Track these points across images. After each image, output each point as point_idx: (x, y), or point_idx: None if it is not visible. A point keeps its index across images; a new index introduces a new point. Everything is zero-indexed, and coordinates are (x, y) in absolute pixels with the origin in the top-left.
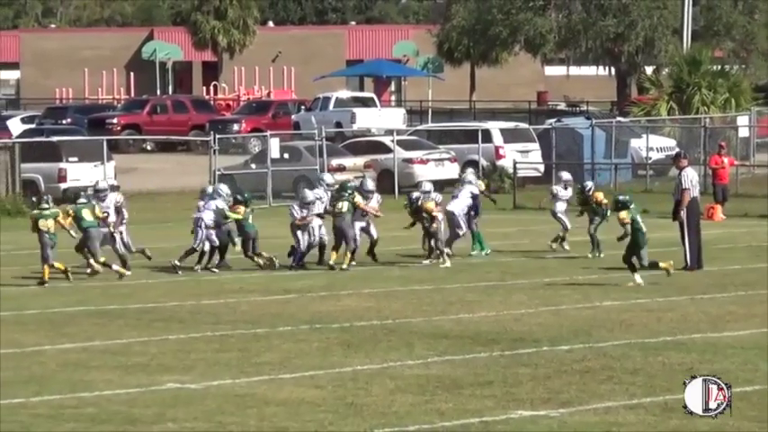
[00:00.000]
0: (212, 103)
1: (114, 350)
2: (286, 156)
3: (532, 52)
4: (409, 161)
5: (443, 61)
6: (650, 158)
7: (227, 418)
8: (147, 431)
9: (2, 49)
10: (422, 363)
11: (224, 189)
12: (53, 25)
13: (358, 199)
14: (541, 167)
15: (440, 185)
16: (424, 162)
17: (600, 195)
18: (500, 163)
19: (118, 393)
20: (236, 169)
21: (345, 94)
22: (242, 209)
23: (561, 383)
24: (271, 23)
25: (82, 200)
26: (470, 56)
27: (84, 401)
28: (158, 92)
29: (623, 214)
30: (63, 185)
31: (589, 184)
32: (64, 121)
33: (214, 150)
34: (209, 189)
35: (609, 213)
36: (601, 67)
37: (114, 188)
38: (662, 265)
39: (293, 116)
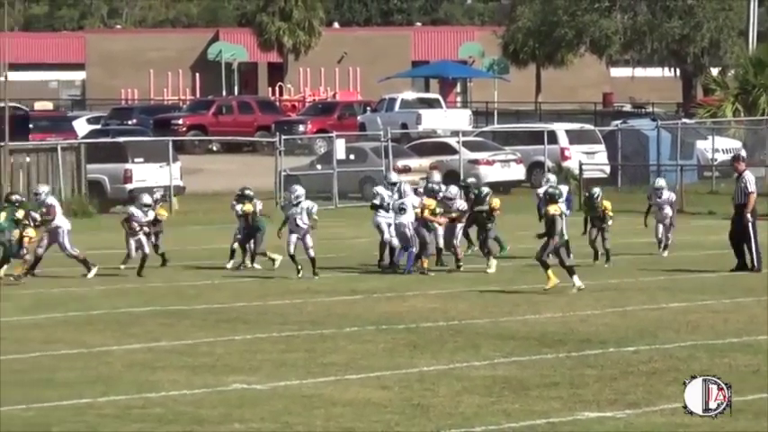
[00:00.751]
0: (278, 104)
1: (180, 350)
2: (352, 157)
3: (598, 54)
4: (475, 162)
5: (509, 63)
6: (716, 160)
7: (293, 419)
8: (214, 431)
9: (68, 49)
10: (488, 364)
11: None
12: (119, 26)
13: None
14: (607, 169)
15: (506, 186)
16: (489, 163)
17: (608, 204)
18: (566, 164)
19: (184, 394)
20: (302, 170)
21: (411, 95)
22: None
23: (628, 385)
24: (336, 25)
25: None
26: (536, 57)
27: (150, 402)
28: (224, 93)
29: (553, 208)
30: (129, 186)
31: (597, 190)
32: (129, 122)
33: (280, 151)
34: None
35: (611, 223)
36: (666, 69)
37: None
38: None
39: (359, 117)
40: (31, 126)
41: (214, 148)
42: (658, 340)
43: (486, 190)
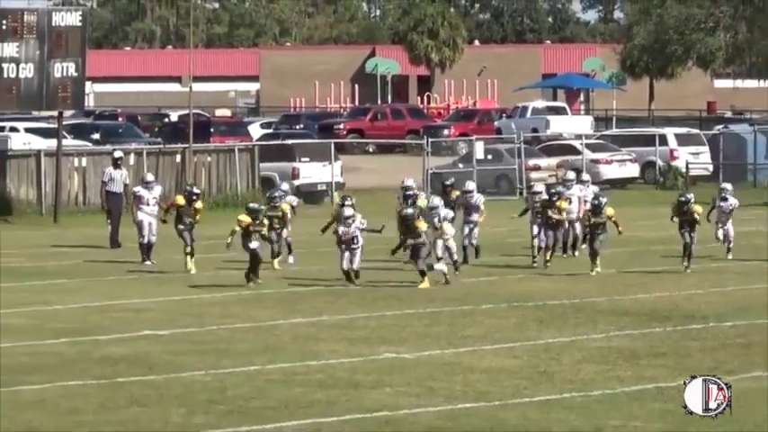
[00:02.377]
0: (426, 111)
1: (340, 324)
2: (489, 157)
3: (703, 67)
4: (596, 162)
5: (626, 75)
6: None
7: (436, 384)
8: (367, 395)
9: (244, 64)
10: (604, 336)
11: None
12: (288, 44)
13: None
14: (710, 167)
15: (622, 182)
16: (608, 162)
17: (699, 209)
18: (674, 163)
19: (342, 362)
20: (446, 168)
21: (541, 103)
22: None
23: (726, 355)
24: (477, 42)
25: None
26: (649, 70)
27: (312, 369)
28: (379, 101)
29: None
30: (296, 182)
31: (690, 196)
32: (297, 127)
33: (427, 152)
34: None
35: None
36: (763, 81)
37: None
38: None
39: (496, 122)
40: (212, 130)
41: (370, 150)
42: (753, 316)
43: (603, 200)
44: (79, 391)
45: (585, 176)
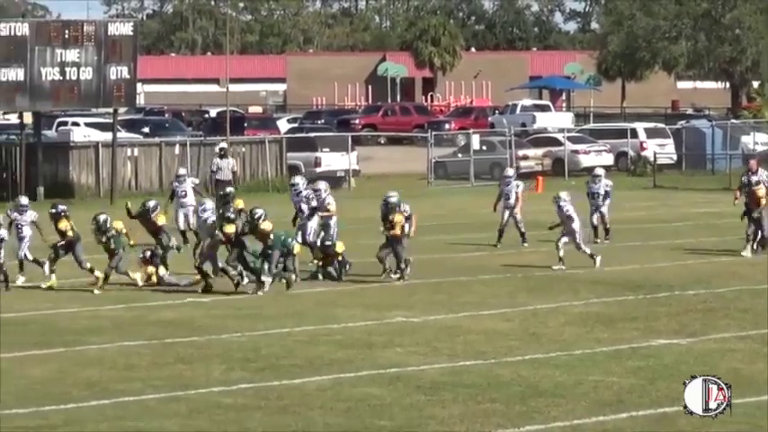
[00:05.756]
0: (429, 108)
1: (355, 292)
2: (484, 147)
3: (668, 71)
4: (576, 152)
5: (601, 78)
6: (755, 150)
7: (440, 344)
8: (381, 354)
9: (273, 68)
10: (584, 303)
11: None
12: (311, 50)
13: None
14: (674, 157)
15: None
16: (587, 153)
17: (761, 192)
18: (644, 153)
19: (359, 325)
20: (447, 158)
21: (528, 102)
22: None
23: (689, 319)
24: (473, 49)
25: None
26: (621, 73)
27: (333, 331)
28: (389, 100)
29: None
30: (318, 170)
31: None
32: (319, 122)
33: (430, 144)
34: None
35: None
36: (719, 83)
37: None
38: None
39: (490, 118)
40: (245, 124)
41: (382, 141)
42: (712, 285)
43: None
44: (134, 350)
45: (599, 171)
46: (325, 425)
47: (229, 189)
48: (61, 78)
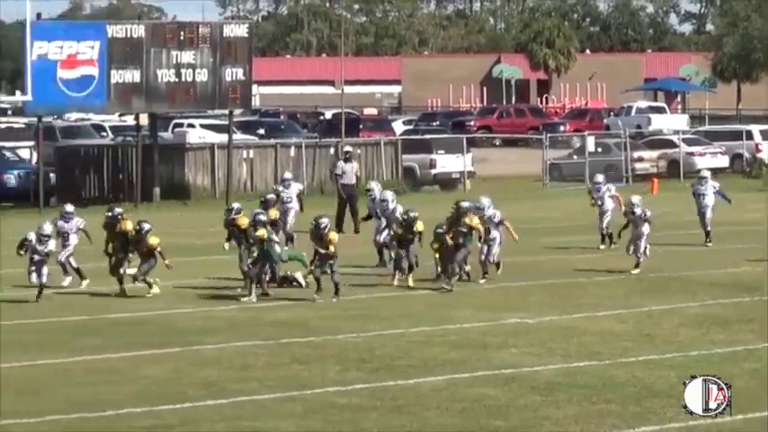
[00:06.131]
0: (544, 110)
1: (470, 294)
2: (599, 149)
3: None
4: (691, 154)
5: (716, 79)
6: None
7: (554, 345)
8: (495, 354)
9: (388, 69)
10: (700, 305)
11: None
12: (426, 52)
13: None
14: None
15: (714, 172)
16: (702, 155)
17: None
18: (759, 155)
19: (473, 326)
20: (562, 160)
21: (643, 104)
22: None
23: None
24: (587, 51)
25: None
26: (737, 75)
27: (448, 332)
28: (504, 102)
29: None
30: (433, 171)
31: None
32: (434, 124)
33: (545, 146)
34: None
35: None
36: None
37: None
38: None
39: (605, 120)
40: (361, 126)
41: (497, 143)
42: None
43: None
44: (250, 350)
45: (705, 173)
46: (440, 425)
47: (270, 196)
48: (177, 80)
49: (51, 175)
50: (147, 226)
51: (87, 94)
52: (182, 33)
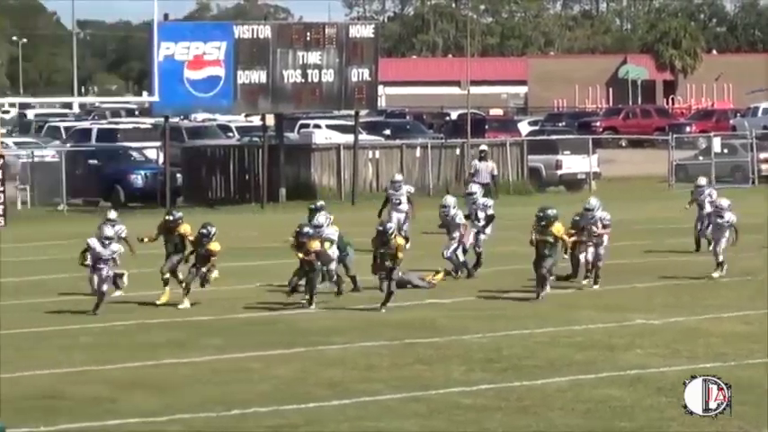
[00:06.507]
0: (670, 111)
1: (595, 295)
2: (725, 150)
3: None
4: None
5: None
6: None
7: (680, 346)
8: (621, 356)
9: (514, 70)
10: None
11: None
12: (552, 53)
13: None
14: None
15: None
16: None
17: None
18: None
19: (599, 327)
20: (688, 160)
21: None
22: None
23: None
24: (714, 52)
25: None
26: None
27: (574, 332)
28: (630, 102)
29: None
30: (559, 172)
31: None
32: (560, 124)
33: (671, 146)
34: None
35: None
36: None
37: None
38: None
39: (731, 121)
40: (486, 127)
41: (622, 144)
42: None
43: None
44: (374, 350)
45: None
46: (565, 425)
47: (320, 202)
48: (303, 81)
49: (178, 175)
50: (212, 229)
51: (214, 94)
52: (308, 34)
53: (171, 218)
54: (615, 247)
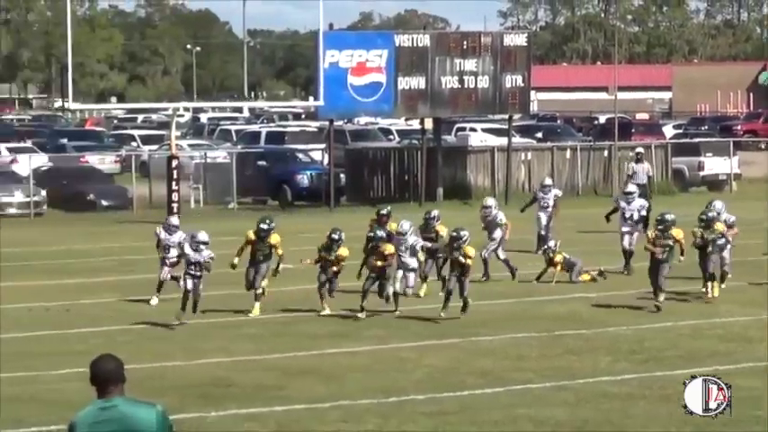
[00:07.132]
0: None
1: (735, 291)
2: None
3: None
4: None
5: None
6: None
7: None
8: (758, 347)
9: (659, 76)
10: None
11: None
12: (695, 60)
13: None
14: None
15: None
16: None
17: None
18: None
19: (737, 320)
20: None
21: None
22: None
23: None
24: None
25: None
26: None
27: (714, 325)
28: None
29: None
30: (701, 173)
31: None
32: (702, 128)
33: None
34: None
35: None
36: None
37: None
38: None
39: None
40: (632, 130)
41: (763, 147)
42: None
43: None
44: (524, 341)
45: None
46: None
47: (386, 209)
48: (459, 86)
49: (341, 176)
50: (335, 236)
51: (375, 99)
52: (465, 42)
53: (265, 226)
54: (754, 244)
